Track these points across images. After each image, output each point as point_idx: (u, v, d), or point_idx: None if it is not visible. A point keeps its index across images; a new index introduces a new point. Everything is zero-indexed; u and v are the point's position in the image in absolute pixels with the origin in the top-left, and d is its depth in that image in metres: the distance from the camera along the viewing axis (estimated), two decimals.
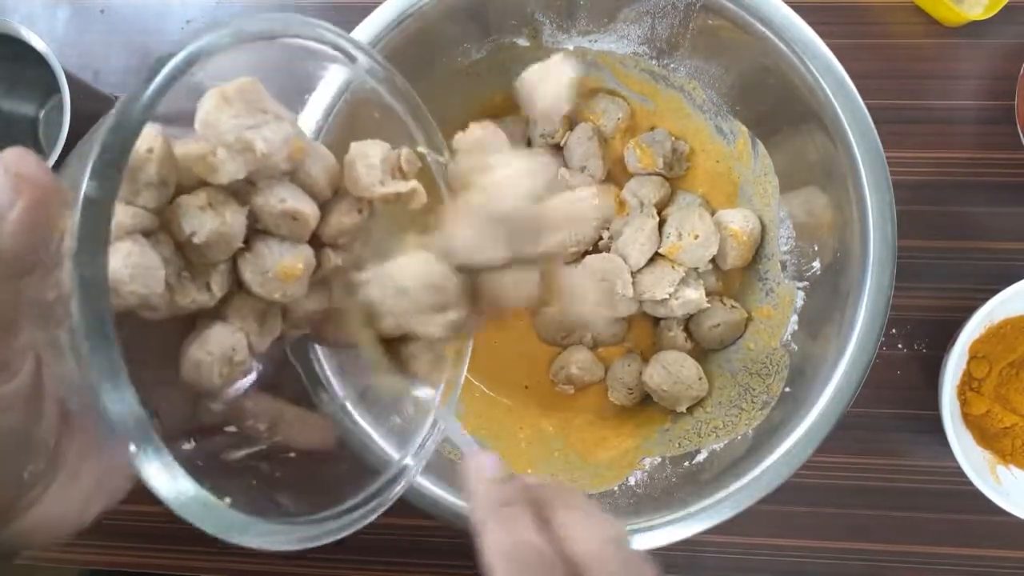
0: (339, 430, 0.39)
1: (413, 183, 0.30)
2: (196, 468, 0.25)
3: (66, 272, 0.20)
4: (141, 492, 0.66)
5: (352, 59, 0.31)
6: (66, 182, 0.23)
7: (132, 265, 0.24)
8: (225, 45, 0.25)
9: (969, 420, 0.51)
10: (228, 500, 0.25)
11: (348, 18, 0.46)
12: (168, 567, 0.59)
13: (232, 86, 0.26)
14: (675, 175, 0.55)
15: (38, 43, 0.51)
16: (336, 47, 0.30)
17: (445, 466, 0.48)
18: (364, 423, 0.41)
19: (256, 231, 0.28)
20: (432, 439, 0.35)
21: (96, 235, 0.21)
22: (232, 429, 0.32)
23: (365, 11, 0.45)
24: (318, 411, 0.37)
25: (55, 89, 0.53)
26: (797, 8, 0.44)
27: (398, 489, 0.32)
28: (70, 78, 0.51)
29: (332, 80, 0.41)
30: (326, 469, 0.34)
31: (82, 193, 0.20)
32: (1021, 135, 0.53)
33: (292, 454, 0.32)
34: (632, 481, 0.49)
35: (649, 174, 0.55)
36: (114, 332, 0.21)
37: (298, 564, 0.58)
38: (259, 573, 0.58)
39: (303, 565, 0.58)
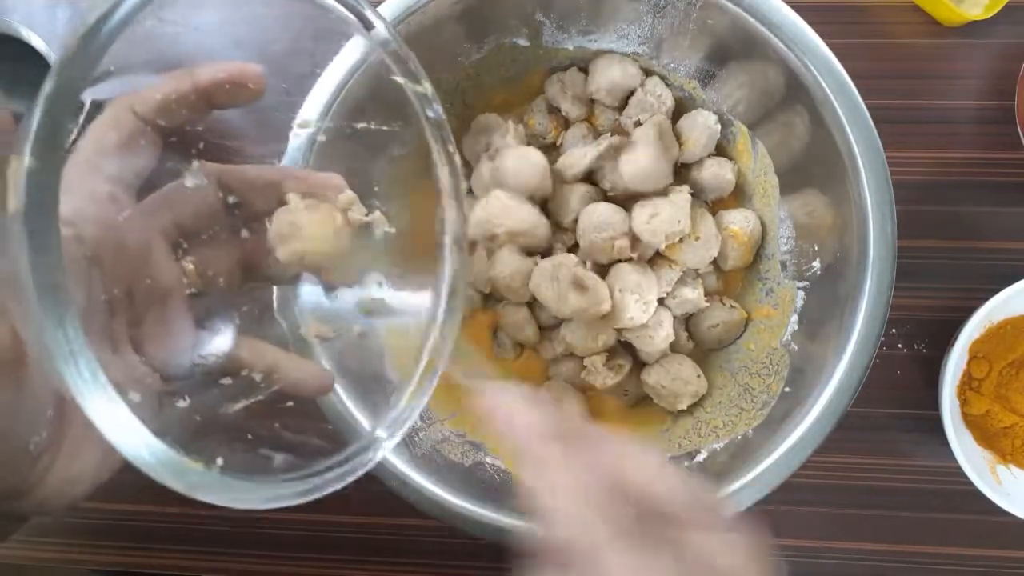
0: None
1: None
2: (194, 424, 0.25)
3: (15, 234, 0.20)
4: (141, 491, 0.66)
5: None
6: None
7: None
8: None
9: (969, 420, 0.51)
10: (221, 461, 0.25)
11: None
12: (168, 567, 0.59)
13: None
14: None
15: (38, 43, 0.51)
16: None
17: (445, 466, 0.48)
18: (341, 390, 0.42)
19: None
20: (409, 413, 0.34)
21: (42, 212, 0.21)
22: (228, 381, 0.31)
23: None
24: None
25: None
26: (797, 8, 0.44)
27: (369, 459, 0.32)
28: None
29: (346, 57, 0.42)
30: (318, 424, 0.34)
31: (24, 167, 0.20)
32: (1021, 135, 0.53)
33: (291, 403, 0.32)
34: None
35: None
36: (64, 280, 0.21)
37: (297, 564, 0.58)
38: (259, 573, 0.58)
39: (302, 565, 0.58)
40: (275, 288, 0.36)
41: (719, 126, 0.52)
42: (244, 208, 0.33)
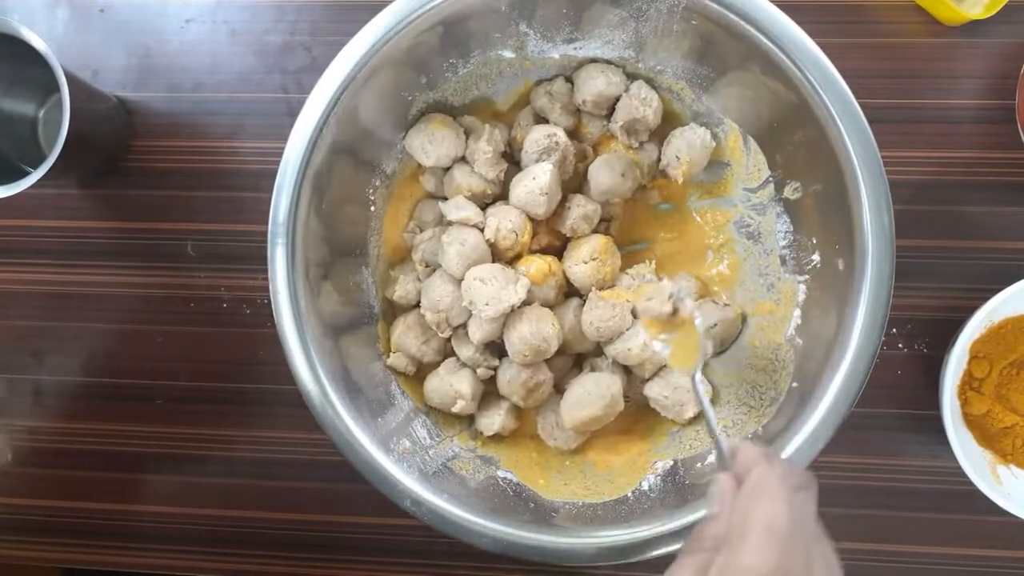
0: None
1: None
2: None
3: None
4: (141, 492, 0.66)
5: None
6: None
7: None
8: None
9: (969, 420, 0.51)
10: None
11: (353, 21, 0.46)
12: (168, 567, 0.59)
13: None
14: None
15: (38, 42, 0.51)
16: None
17: (456, 483, 0.48)
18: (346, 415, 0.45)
19: None
20: None
21: None
22: None
23: (367, 14, 0.45)
24: None
25: (54, 88, 0.53)
26: (798, 7, 0.44)
27: None
28: (69, 77, 0.51)
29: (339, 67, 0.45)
30: None
31: None
32: (1021, 135, 0.53)
33: None
34: (646, 486, 0.49)
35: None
36: None
37: (297, 564, 0.58)
38: (259, 573, 0.58)
39: (303, 565, 0.58)
40: None
41: (715, 143, 0.52)
42: None
